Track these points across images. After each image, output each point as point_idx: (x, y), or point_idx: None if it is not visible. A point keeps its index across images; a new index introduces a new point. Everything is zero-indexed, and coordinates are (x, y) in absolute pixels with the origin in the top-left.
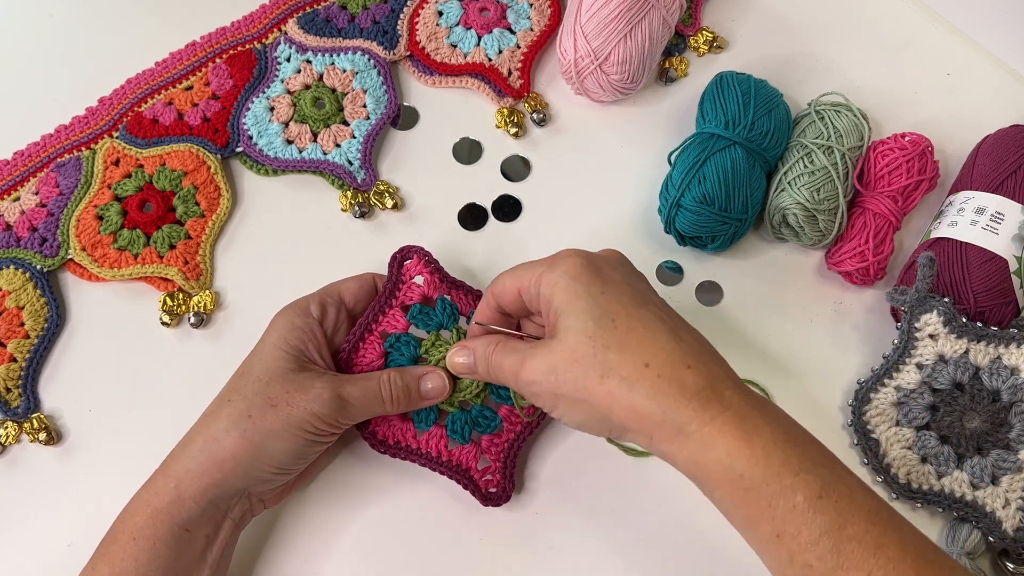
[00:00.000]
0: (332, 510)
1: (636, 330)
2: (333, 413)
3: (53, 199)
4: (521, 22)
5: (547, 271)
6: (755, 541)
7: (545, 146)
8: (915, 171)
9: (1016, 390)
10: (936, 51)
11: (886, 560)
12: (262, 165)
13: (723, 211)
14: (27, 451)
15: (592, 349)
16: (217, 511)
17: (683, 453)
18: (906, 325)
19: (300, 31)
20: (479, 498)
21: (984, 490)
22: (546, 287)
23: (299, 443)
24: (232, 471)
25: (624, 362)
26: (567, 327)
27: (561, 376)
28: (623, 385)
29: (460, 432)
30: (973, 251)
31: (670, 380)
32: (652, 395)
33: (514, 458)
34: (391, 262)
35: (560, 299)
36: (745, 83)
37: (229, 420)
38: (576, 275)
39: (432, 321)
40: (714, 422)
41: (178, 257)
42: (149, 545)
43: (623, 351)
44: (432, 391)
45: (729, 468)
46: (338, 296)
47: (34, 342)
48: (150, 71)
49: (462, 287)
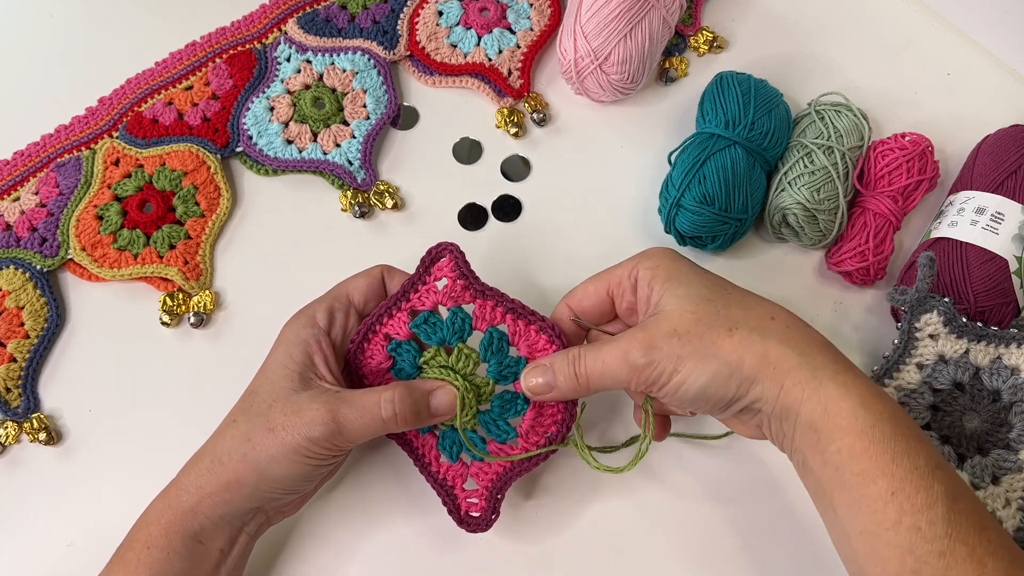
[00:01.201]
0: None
1: (748, 297)
2: (329, 437)
3: (53, 199)
4: (521, 22)
5: (641, 260)
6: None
7: (545, 146)
8: (915, 171)
9: (1016, 390)
10: (936, 51)
11: (987, 542)
12: (262, 165)
13: (723, 211)
14: (27, 451)
15: (714, 308)
16: (231, 527)
17: (816, 396)
18: (906, 325)
19: (300, 31)
20: (455, 519)
21: (984, 490)
22: (646, 270)
23: (300, 468)
24: (239, 493)
25: (750, 316)
26: (680, 295)
27: (685, 336)
28: (754, 333)
29: (448, 450)
30: (973, 251)
31: (799, 330)
32: (785, 340)
33: (503, 488)
34: (423, 258)
35: (665, 275)
36: (745, 83)
37: (232, 442)
38: (674, 257)
39: (435, 334)
40: (848, 372)
41: (178, 257)
42: (163, 555)
43: (746, 308)
44: (441, 408)
45: (862, 417)
46: (346, 299)
47: (34, 342)
48: (150, 71)
49: (493, 297)
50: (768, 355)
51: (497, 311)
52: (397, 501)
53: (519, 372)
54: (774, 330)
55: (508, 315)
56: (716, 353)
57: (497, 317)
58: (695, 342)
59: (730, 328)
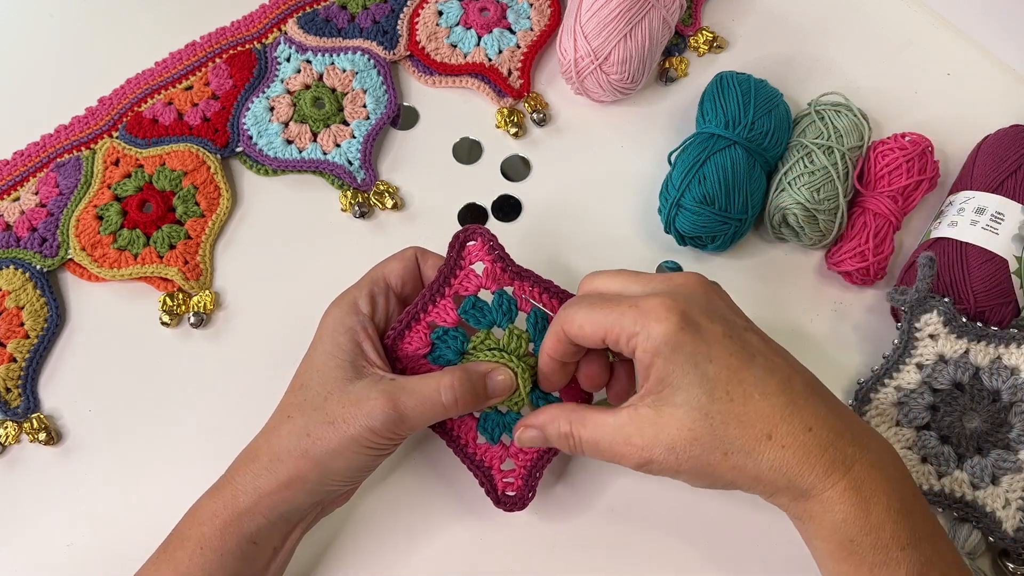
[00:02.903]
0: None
1: (752, 399)
2: (390, 426)
3: (53, 199)
4: (521, 22)
5: (642, 333)
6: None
7: (545, 146)
8: (915, 171)
9: (1016, 390)
10: (936, 51)
11: None
12: (262, 165)
13: (723, 211)
14: (27, 451)
15: (710, 427)
16: (288, 524)
17: (798, 509)
18: (906, 325)
19: (300, 31)
20: (493, 498)
21: (984, 490)
22: (644, 353)
23: (361, 458)
24: (300, 489)
25: (746, 437)
26: (678, 403)
27: (681, 455)
28: (748, 459)
29: (490, 432)
30: (973, 251)
31: (794, 450)
32: (777, 467)
33: (542, 467)
34: (452, 243)
35: (663, 370)
36: (745, 83)
37: (290, 439)
38: (677, 343)
39: (484, 318)
40: (835, 487)
41: (178, 257)
42: (216, 556)
43: (743, 426)
44: (499, 389)
45: (841, 531)
46: (384, 282)
47: (34, 342)
48: (150, 71)
49: (528, 277)
50: (760, 479)
51: (535, 291)
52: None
53: None
54: (768, 453)
55: (544, 295)
56: (711, 473)
57: (536, 296)
58: (691, 462)
59: (724, 453)
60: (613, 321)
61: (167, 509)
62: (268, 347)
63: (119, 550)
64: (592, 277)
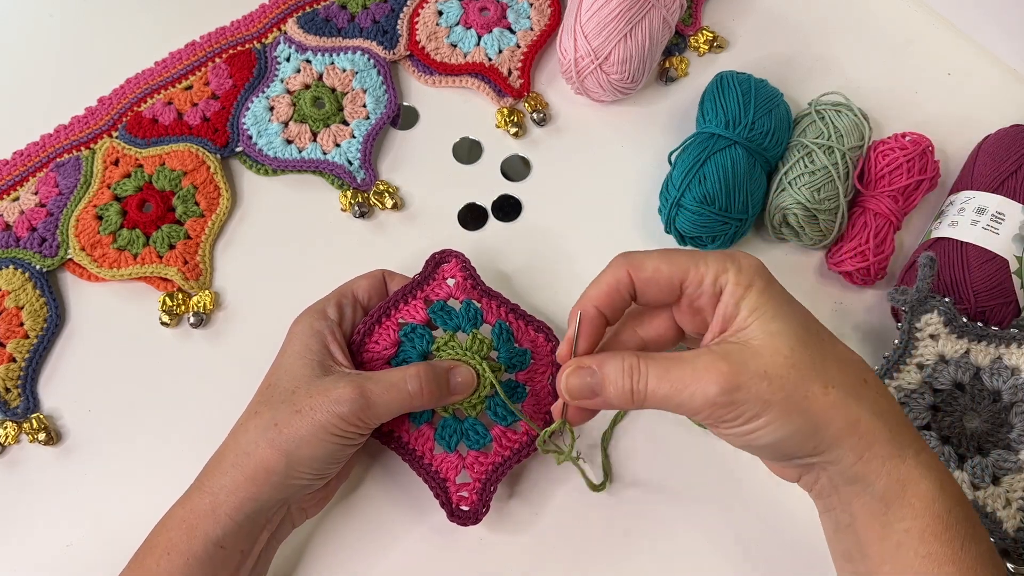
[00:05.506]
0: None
1: (839, 347)
2: (357, 412)
3: (52, 199)
4: (521, 22)
5: (731, 268)
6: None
7: (545, 146)
8: (915, 171)
9: (1017, 390)
10: (936, 51)
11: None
12: (262, 165)
13: (723, 211)
14: (27, 451)
15: (811, 357)
16: (255, 525)
17: (896, 473)
18: (907, 325)
19: (300, 31)
20: (447, 511)
21: (985, 490)
22: (736, 286)
23: (328, 447)
24: (266, 482)
25: (846, 376)
26: (773, 331)
27: (777, 382)
28: (850, 397)
29: (447, 440)
30: (973, 251)
31: (887, 398)
32: (878, 413)
33: (496, 481)
34: (428, 261)
35: (759, 300)
36: (745, 83)
37: (257, 432)
38: (769, 279)
39: (451, 320)
40: (927, 451)
41: (177, 257)
42: (183, 561)
43: (842, 366)
44: (461, 385)
45: (938, 500)
46: (352, 295)
47: (33, 342)
48: (150, 71)
49: (496, 298)
50: (859, 424)
51: (501, 310)
52: (398, 502)
53: (526, 362)
54: (867, 397)
55: (510, 314)
56: (806, 408)
57: (501, 315)
58: (787, 390)
59: (826, 385)
60: (697, 261)
61: (166, 509)
62: (268, 347)
63: (118, 550)
64: (629, 253)
